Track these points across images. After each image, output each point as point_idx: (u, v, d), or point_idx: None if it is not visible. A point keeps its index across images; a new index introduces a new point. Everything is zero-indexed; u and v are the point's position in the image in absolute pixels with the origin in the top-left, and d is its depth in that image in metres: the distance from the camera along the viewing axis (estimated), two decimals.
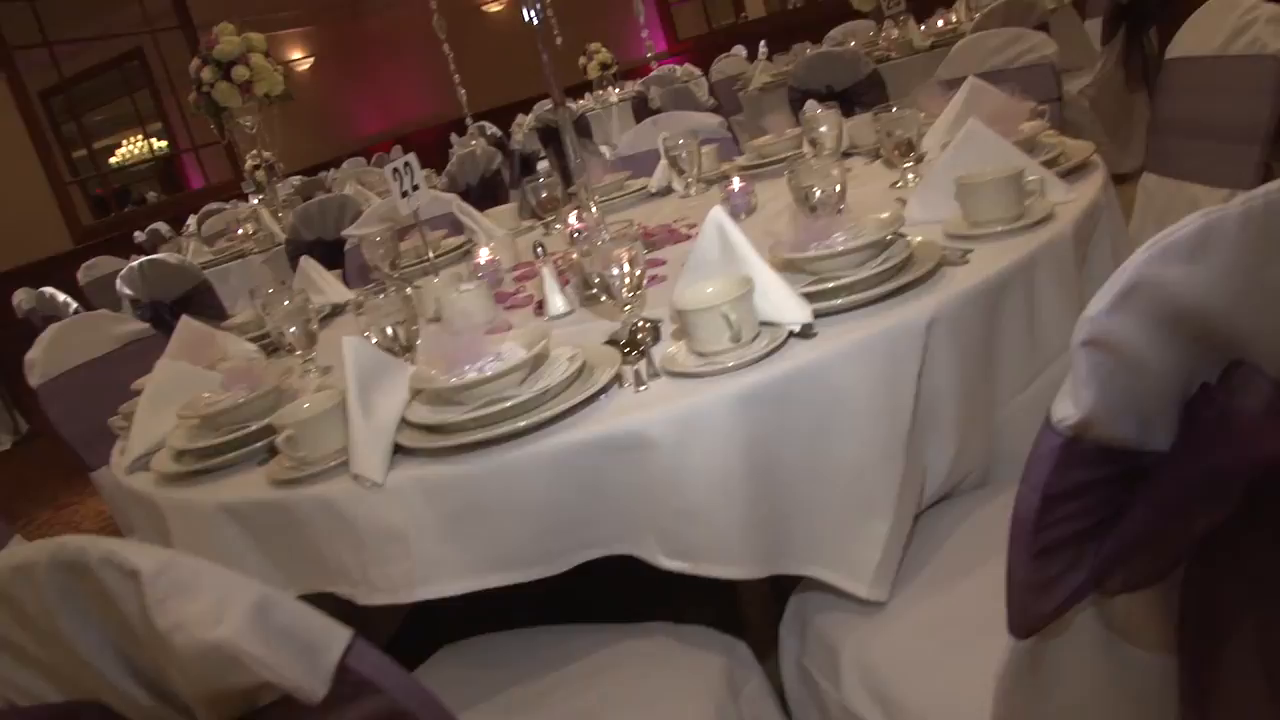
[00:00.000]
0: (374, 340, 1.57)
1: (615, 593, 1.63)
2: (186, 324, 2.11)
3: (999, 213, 1.46)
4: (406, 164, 2.08)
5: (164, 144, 11.03)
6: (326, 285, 2.41)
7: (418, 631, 1.69)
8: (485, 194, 4.35)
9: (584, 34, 8.91)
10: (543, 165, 6.86)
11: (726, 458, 1.18)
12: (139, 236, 8.31)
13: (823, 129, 2.12)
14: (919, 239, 1.43)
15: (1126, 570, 0.81)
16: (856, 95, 4.04)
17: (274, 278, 4.62)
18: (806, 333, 1.25)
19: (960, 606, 1.22)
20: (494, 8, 11.84)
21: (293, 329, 1.87)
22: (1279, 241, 0.76)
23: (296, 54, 11.93)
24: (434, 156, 7.42)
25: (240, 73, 4.89)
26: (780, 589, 1.44)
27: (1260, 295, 0.77)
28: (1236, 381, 0.78)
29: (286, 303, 1.88)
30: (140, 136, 11.21)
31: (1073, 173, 1.69)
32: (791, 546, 1.25)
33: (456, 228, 2.71)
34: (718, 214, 1.34)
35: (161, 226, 8.30)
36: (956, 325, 1.28)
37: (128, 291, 4.44)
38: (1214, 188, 2.14)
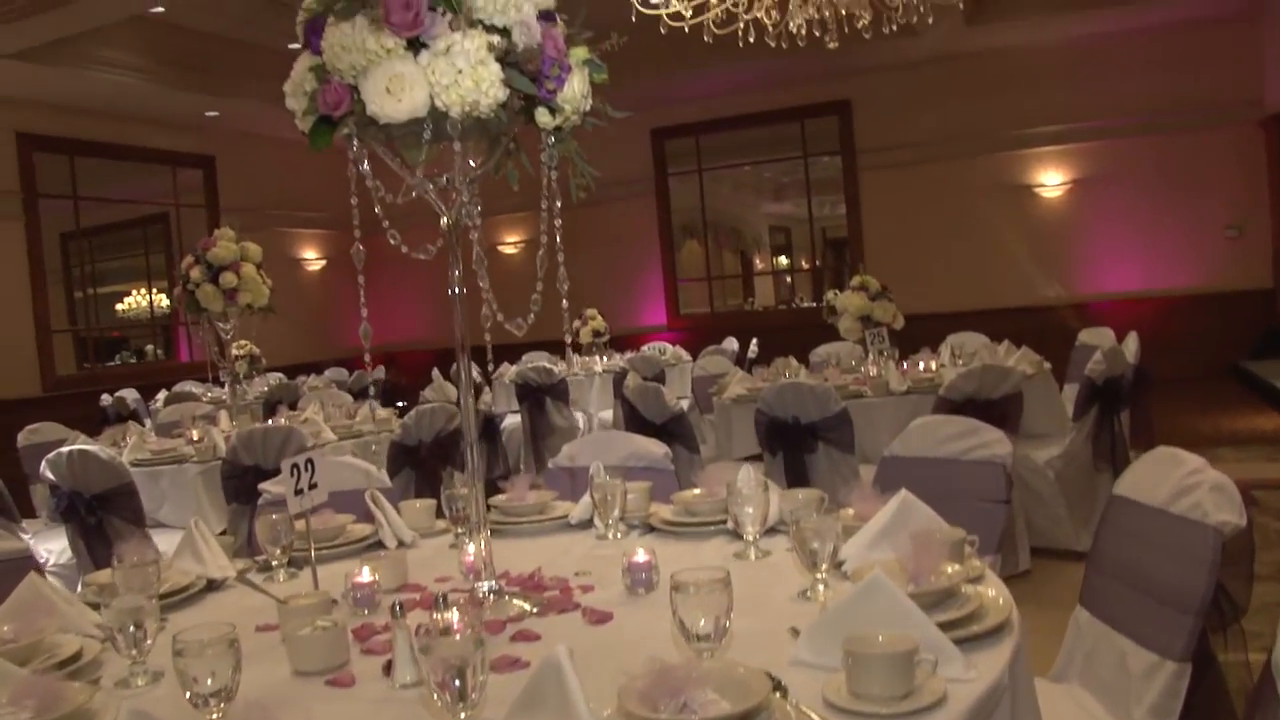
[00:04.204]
0: (186, 694, 1.40)
1: None
2: (31, 584, 1.96)
3: (883, 690, 1.33)
4: (309, 462, 1.99)
5: (168, 304, 11.18)
6: (209, 556, 2.26)
7: None
8: (438, 453, 4.25)
9: (591, 295, 9.07)
10: (509, 421, 6.82)
11: None
12: (105, 400, 8.21)
13: (748, 509, 2.03)
14: (790, 708, 1.30)
15: None
16: (823, 430, 4.01)
17: (205, 491, 4.49)
18: None
19: None
20: (508, 249, 12.23)
21: (132, 628, 1.70)
22: None
23: (310, 253, 12.26)
24: (418, 381, 7.43)
25: (228, 279, 4.92)
26: None
27: None
28: None
29: (125, 596, 1.72)
30: (147, 291, 11.37)
31: (983, 637, 1.57)
32: None
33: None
34: (560, 655, 1.21)
35: (129, 394, 8.23)
36: None
37: (49, 476, 4.29)
38: (1143, 647, 2.02)
